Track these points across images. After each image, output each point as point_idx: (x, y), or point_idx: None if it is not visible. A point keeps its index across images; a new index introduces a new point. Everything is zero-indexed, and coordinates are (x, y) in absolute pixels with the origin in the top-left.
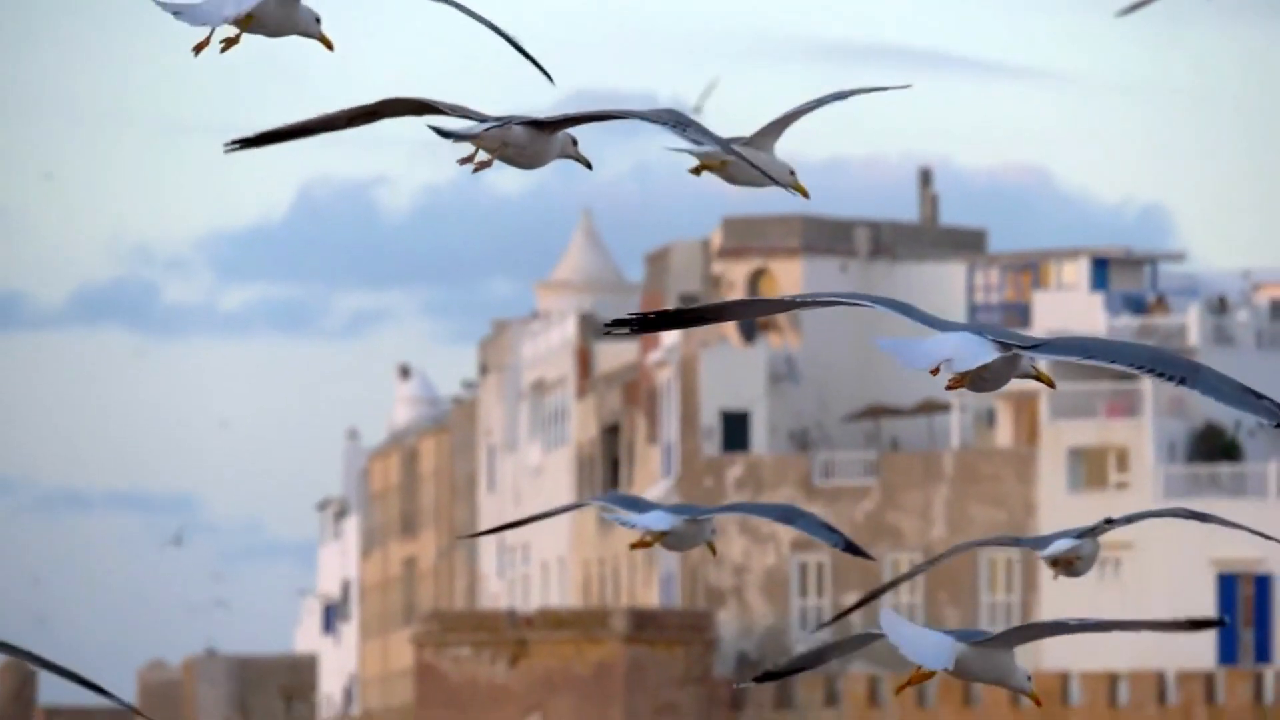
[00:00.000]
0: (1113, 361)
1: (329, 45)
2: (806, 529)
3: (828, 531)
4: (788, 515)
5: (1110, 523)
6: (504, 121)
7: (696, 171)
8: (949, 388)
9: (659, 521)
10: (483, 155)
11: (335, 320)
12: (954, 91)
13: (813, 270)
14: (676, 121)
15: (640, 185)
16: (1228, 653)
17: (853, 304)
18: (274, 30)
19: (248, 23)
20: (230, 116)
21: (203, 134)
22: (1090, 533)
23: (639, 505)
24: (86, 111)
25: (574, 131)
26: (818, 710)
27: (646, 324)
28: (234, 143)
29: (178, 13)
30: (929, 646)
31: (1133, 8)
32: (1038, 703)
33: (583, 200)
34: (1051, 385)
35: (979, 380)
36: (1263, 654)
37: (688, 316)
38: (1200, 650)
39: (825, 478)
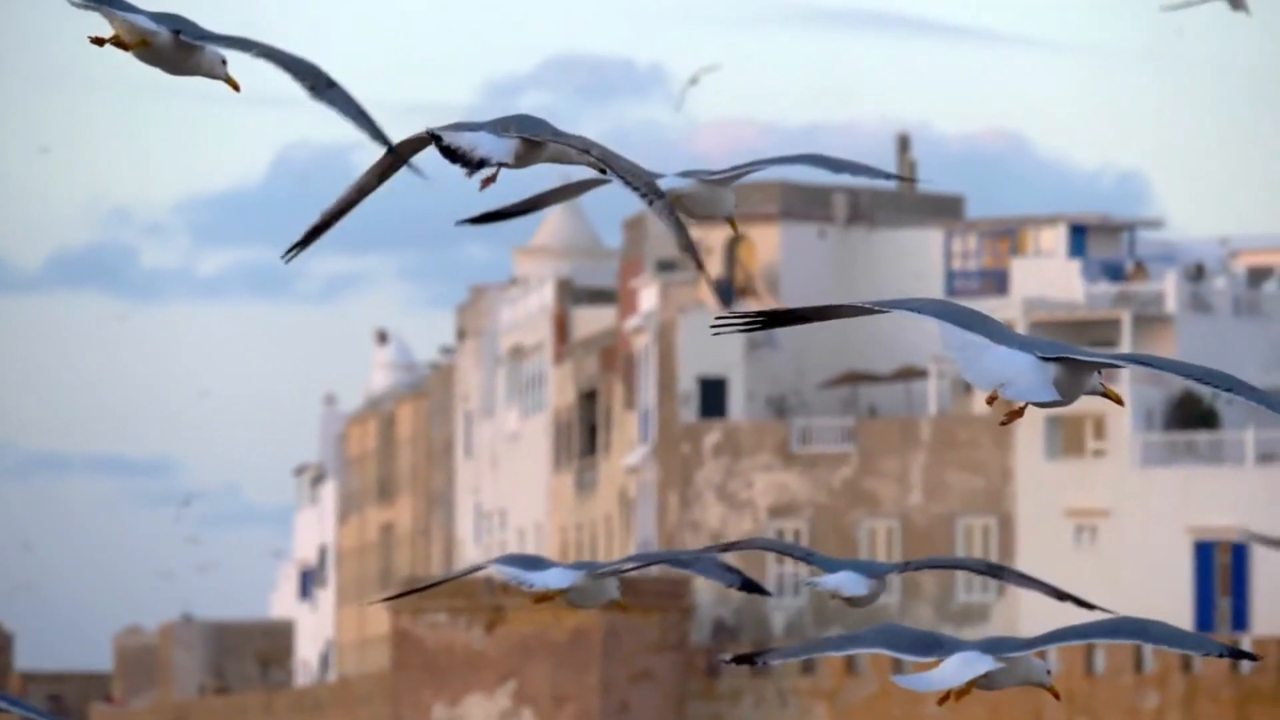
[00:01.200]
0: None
1: (235, 87)
2: (703, 573)
3: (727, 573)
4: (686, 562)
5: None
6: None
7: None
8: (1002, 419)
9: (558, 579)
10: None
11: (313, 285)
12: (932, 57)
13: (790, 236)
14: (602, 157)
15: (618, 150)
16: (1204, 621)
17: (932, 315)
18: (171, 69)
19: (140, 47)
20: (207, 80)
21: (181, 98)
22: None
23: (539, 564)
24: (64, 76)
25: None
26: (794, 678)
27: (754, 323)
28: (290, 251)
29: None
30: (954, 671)
31: (1179, 5)
32: (1056, 696)
33: (560, 166)
34: (1120, 403)
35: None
36: (1239, 622)
37: (795, 316)
38: (1177, 619)
39: (803, 444)
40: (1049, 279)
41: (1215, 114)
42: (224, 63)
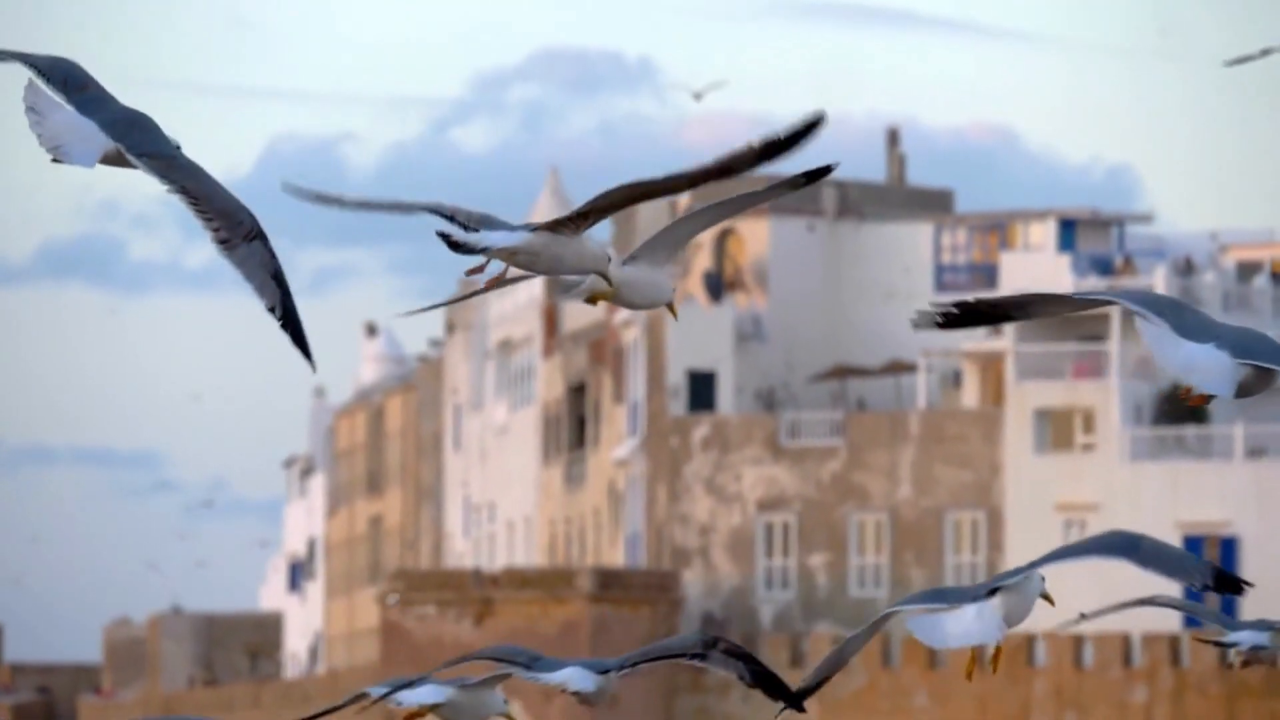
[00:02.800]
0: None
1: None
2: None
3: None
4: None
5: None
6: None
7: (593, 300)
8: (1190, 402)
9: (430, 695)
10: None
11: (301, 277)
12: (920, 51)
13: (780, 230)
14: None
15: (605, 143)
16: (1192, 617)
17: (1140, 312)
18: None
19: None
20: (196, 72)
21: (168, 89)
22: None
23: (422, 680)
24: None
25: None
26: (784, 671)
27: (955, 319)
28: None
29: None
30: (988, 627)
31: (1239, 60)
32: (1050, 602)
33: (548, 158)
34: None
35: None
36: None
37: (998, 311)
38: (1166, 613)
39: (791, 438)
40: (1038, 273)
41: (1205, 108)
42: (178, 146)
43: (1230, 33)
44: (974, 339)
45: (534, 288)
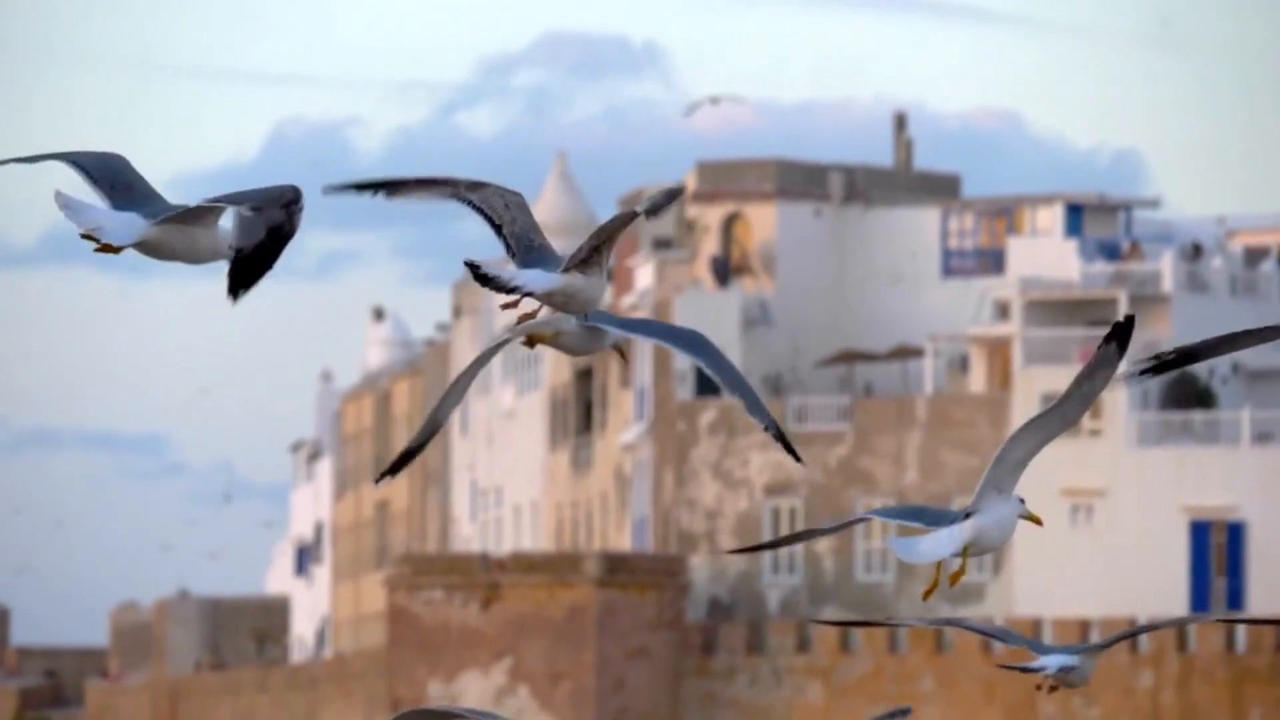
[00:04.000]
0: None
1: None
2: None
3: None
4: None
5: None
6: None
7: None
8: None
9: None
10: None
11: (308, 262)
12: (927, 35)
13: (787, 215)
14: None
15: (611, 128)
16: (1200, 600)
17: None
18: (177, 257)
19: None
20: (203, 56)
21: (175, 74)
22: None
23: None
24: (58, 51)
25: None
26: (789, 655)
27: (1163, 367)
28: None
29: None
30: (942, 541)
31: None
32: (1038, 523)
33: (555, 142)
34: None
35: None
36: (1235, 602)
37: (1190, 358)
38: (1172, 598)
39: (798, 422)
40: (1045, 258)
41: (1212, 93)
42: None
43: (1237, 18)
44: (981, 323)
45: None
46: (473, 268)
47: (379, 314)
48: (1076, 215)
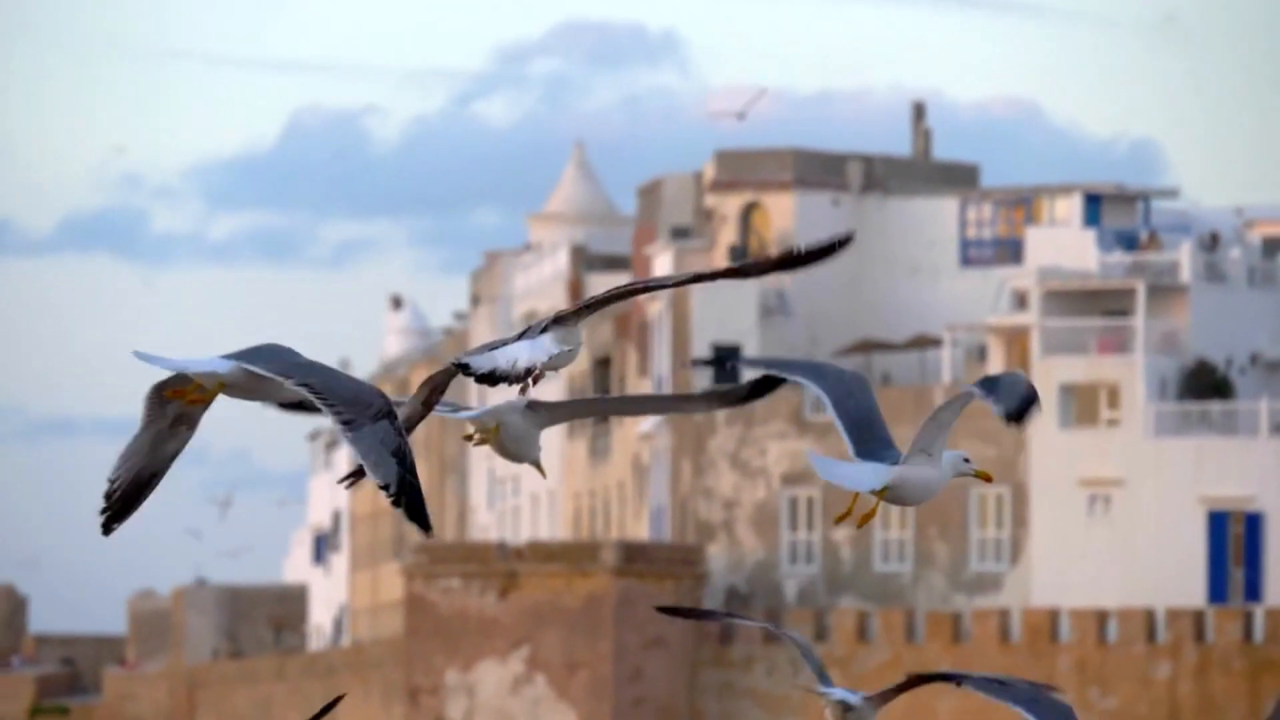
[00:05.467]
0: None
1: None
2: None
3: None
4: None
5: None
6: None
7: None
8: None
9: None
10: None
11: (326, 250)
12: (944, 24)
13: (805, 204)
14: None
15: (629, 116)
16: (1217, 591)
17: None
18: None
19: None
20: (221, 44)
21: (193, 61)
22: None
23: None
24: (76, 38)
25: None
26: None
27: None
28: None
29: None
30: (865, 472)
31: None
32: (988, 479)
33: (573, 132)
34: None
35: None
36: (1252, 592)
37: None
38: (1190, 588)
39: (816, 412)
40: (1064, 248)
41: (1230, 83)
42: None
43: (1255, 7)
44: (999, 313)
45: (559, 261)
46: (463, 367)
47: (397, 302)
48: (1095, 205)
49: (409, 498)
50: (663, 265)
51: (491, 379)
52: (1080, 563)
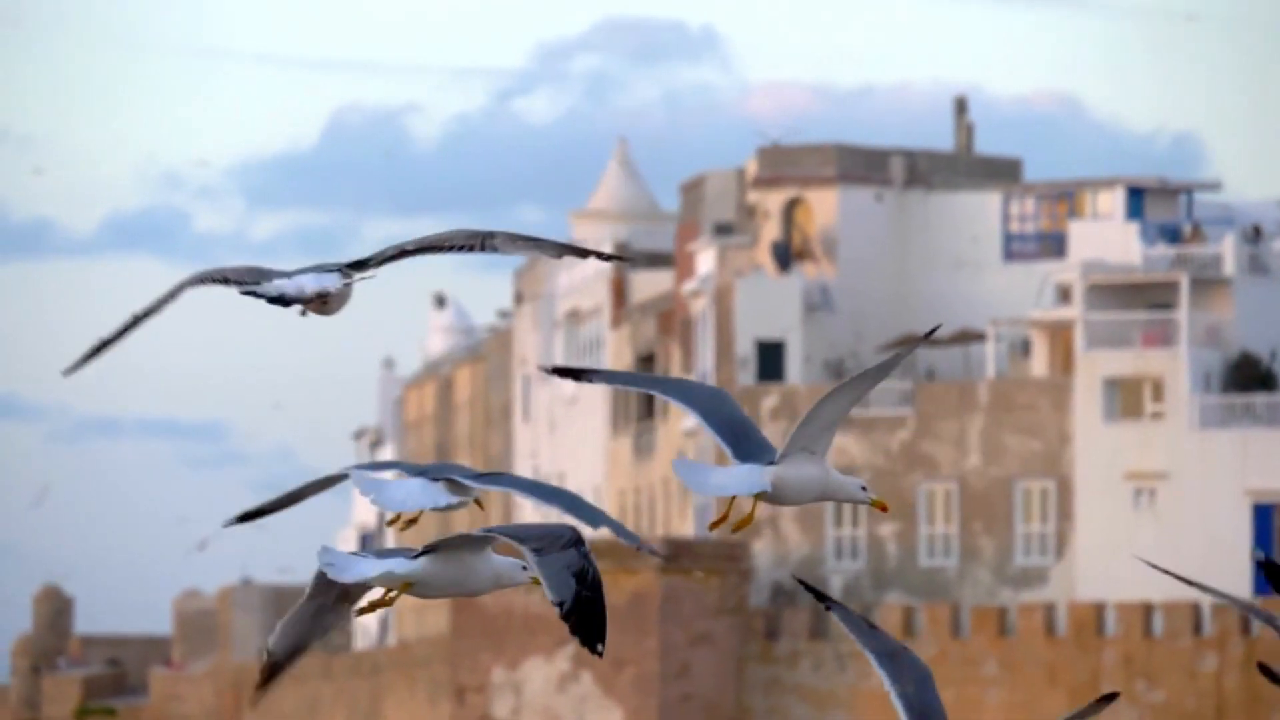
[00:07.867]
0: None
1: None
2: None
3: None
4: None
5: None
6: None
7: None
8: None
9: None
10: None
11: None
12: (984, 18)
13: (848, 199)
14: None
15: (669, 113)
16: (1263, 584)
17: None
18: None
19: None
20: (261, 42)
21: (233, 60)
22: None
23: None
24: (117, 38)
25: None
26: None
27: None
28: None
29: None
30: (742, 475)
31: None
32: (883, 509)
33: (614, 129)
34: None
35: None
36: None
37: None
38: (1236, 581)
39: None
40: (1107, 242)
41: (1271, 75)
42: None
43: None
44: (1042, 307)
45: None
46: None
47: (440, 301)
48: (1137, 198)
49: (579, 615)
50: (706, 262)
51: (283, 301)
52: (1125, 556)
